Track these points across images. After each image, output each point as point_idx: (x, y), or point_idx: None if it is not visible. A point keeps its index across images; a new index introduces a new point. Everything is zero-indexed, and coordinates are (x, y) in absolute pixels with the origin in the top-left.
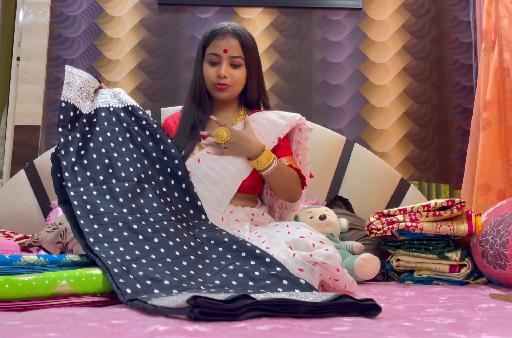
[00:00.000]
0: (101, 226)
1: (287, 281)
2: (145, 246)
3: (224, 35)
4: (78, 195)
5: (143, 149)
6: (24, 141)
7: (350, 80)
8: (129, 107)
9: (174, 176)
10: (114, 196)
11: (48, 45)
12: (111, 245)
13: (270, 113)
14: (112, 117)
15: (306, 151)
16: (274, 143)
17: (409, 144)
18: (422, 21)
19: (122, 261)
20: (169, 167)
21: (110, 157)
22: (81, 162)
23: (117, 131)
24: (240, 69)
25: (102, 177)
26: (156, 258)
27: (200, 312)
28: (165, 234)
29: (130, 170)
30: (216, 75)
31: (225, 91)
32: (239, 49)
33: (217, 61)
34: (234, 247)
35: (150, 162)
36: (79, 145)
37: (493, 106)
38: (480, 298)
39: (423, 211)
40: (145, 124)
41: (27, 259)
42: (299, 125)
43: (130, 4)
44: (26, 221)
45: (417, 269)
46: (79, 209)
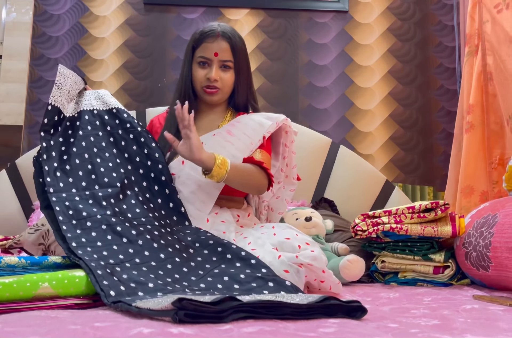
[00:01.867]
0: (83, 230)
1: (272, 283)
2: (129, 250)
3: (215, 38)
4: (60, 200)
5: (126, 153)
6: (6, 141)
7: (336, 82)
8: (113, 110)
9: (158, 181)
10: (96, 200)
11: (31, 44)
12: (94, 249)
13: (255, 115)
14: (95, 121)
15: (292, 155)
16: (260, 142)
17: (394, 146)
18: (407, 24)
19: (106, 264)
20: (153, 172)
21: (93, 163)
22: (63, 167)
23: (101, 135)
24: (230, 72)
25: (85, 183)
26: (140, 262)
27: (185, 314)
28: (150, 236)
29: (113, 175)
30: (206, 78)
31: (215, 95)
32: (229, 53)
33: (207, 63)
34: (219, 249)
35: (134, 167)
36: (61, 149)
37: (476, 110)
38: (464, 299)
39: (408, 213)
40: (129, 128)
41: (7, 260)
42: (285, 127)
43: (115, 3)
44: (7, 222)
45: (402, 270)
46: (61, 215)
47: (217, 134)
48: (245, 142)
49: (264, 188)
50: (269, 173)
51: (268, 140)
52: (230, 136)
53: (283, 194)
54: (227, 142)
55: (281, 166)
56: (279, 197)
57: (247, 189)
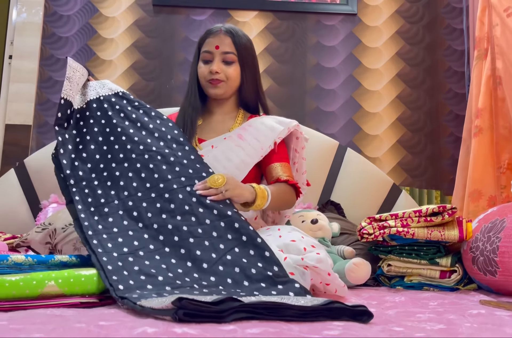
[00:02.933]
0: (101, 217)
1: (282, 286)
2: (144, 235)
3: (217, 33)
4: (80, 190)
5: (139, 123)
6: (15, 141)
7: (344, 85)
8: (119, 93)
9: (175, 141)
10: (114, 181)
11: (41, 44)
12: (110, 236)
13: (267, 118)
14: (103, 105)
15: (302, 160)
16: (271, 147)
17: (401, 150)
18: (416, 28)
19: (119, 255)
20: (169, 134)
21: (108, 142)
22: (80, 156)
23: (110, 115)
24: (233, 66)
25: (103, 165)
26: (154, 249)
27: (184, 313)
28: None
29: (128, 147)
30: (208, 71)
31: (219, 87)
32: (232, 46)
33: (209, 59)
34: (236, 225)
35: (148, 132)
36: (76, 141)
37: (485, 114)
38: (470, 304)
39: (415, 217)
40: (137, 105)
41: (14, 258)
42: (296, 133)
43: (124, 4)
44: (15, 220)
45: (408, 274)
46: (80, 204)
47: (228, 138)
48: (255, 148)
49: (294, 202)
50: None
51: (281, 145)
52: (241, 141)
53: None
54: (238, 147)
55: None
56: None
57: (282, 208)
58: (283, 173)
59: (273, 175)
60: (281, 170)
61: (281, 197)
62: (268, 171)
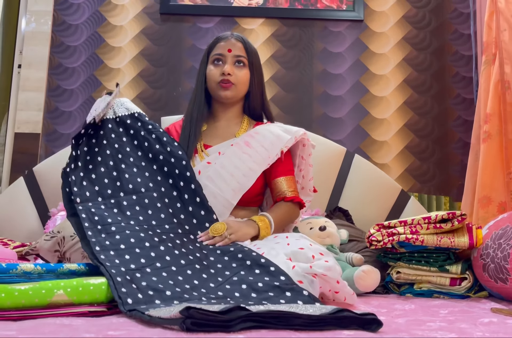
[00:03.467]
0: (108, 234)
1: (290, 293)
2: (151, 253)
3: (228, 38)
4: (86, 209)
5: (150, 154)
6: (23, 149)
7: (351, 91)
8: (135, 114)
9: (183, 177)
10: (121, 209)
11: (50, 53)
12: (117, 252)
13: (274, 126)
14: (119, 128)
15: (309, 167)
16: (278, 156)
17: (409, 156)
18: (423, 33)
19: (127, 270)
20: (177, 168)
21: (118, 169)
22: (89, 176)
23: (125, 141)
24: (244, 70)
25: (110, 191)
26: (161, 267)
27: (192, 323)
28: (171, 244)
29: (138, 180)
30: (220, 73)
31: (230, 90)
32: (243, 50)
33: (221, 60)
34: (239, 256)
35: (158, 166)
36: (86, 159)
37: (494, 119)
38: (481, 312)
39: (424, 223)
40: (151, 128)
41: (24, 267)
42: (303, 140)
43: (132, 13)
44: (24, 228)
45: (418, 281)
46: (87, 221)
47: (235, 144)
48: (262, 156)
49: (297, 217)
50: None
51: (287, 155)
52: (249, 149)
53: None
54: (245, 154)
55: (297, 178)
56: None
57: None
58: (287, 188)
59: (278, 190)
60: (286, 184)
61: (284, 219)
62: (274, 185)
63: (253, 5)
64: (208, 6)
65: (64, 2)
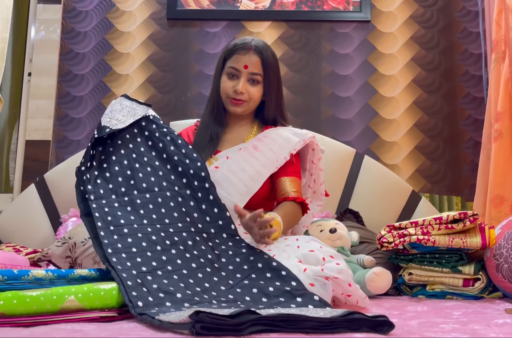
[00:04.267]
0: (120, 236)
1: (301, 299)
2: (162, 257)
3: (247, 50)
4: (100, 207)
5: (165, 154)
6: (34, 156)
7: (359, 92)
8: (150, 116)
9: (197, 177)
10: (135, 208)
11: (59, 61)
12: (128, 255)
13: (283, 130)
14: (134, 129)
15: (320, 172)
16: (286, 159)
17: (419, 156)
18: (431, 32)
19: (138, 273)
20: (192, 169)
21: (132, 168)
22: (104, 175)
23: (139, 141)
24: (258, 87)
25: (124, 189)
26: (172, 270)
27: (202, 327)
28: (183, 247)
29: (152, 179)
30: (233, 90)
31: (240, 107)
32: (259, 67)
33: (236, 75)
34: (251, 258)
35: (172, 166)
36: (101, 158)
37: (505, 117)
38: (495, 313)
39: (435, 224)
40: (166, 131)
41: (35, 274)
42: (312, 144)
43: (139, 19)
44: (36, 235)
45: (430, 283)
46: (100, 221)
47: (243, 149)
48: (270, 159)
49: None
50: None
51: (296, 157)
52: (256, 152)
53: (310, 208)
54: (252, 158)
55: (308, 183)
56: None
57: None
58: (291, 188)
59: (281, 189)
60: (289, 184)
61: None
62: (278, 184)
63: (259, 9)
64: (214, 10)
65: (73, 10)
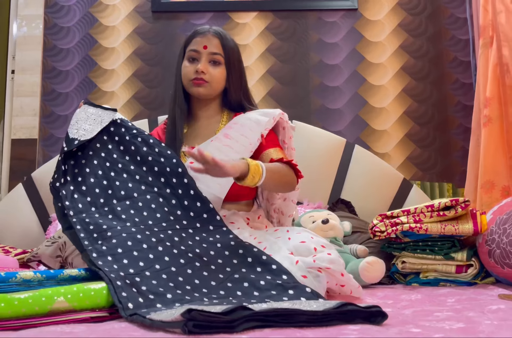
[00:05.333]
0: (104, 240)
1: (293, 291)
2: (149, 255)
3: (205, 33)
4: (80, 220)
5: (139, 156)
6: (21, 155)
7: (348, 81)
8: (118, 120)
9: (175, 174)
10: (116, 214)
11: (43, 57)
12: (114, 257)
13: (252, 113)
14: (103, 136)
15: (292, 151)
16: (259, 140)
17: (410, 144)
18: (418, 19)
19: (126, 274)
20: (168, 167)
21: (108, 177)
22: (80, 189)
23: (110, 148)
24: (220, 68)
25: (103, 200)
26: (160, 268)
27: (194, 325)
28: (170, 243)
29: (129, 185)
30: (194, 71)
31: (202, 87)
32: (220, 47)
33: (196, 58)
34: (240, 251)
35: (148, 167)
36: (74, 172)
37: (494, 103)
38: (489, 299)
39: (427, 212)
40: (135, 133)
41: (23, 275)
42: (282, 122)
43: (123, 13)
44: (26, 235)
45: (423, 270)
46: (83, 232)
47: (215, 139)
48: (243, 144)
49: (295, 183)
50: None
51: (271, 134)
52: (228, 140)
53: (288, 194)
54: (226, 147)
55: None
56: (286, 199)
57: (280, 188)
58: (277, 155)
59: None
60: (274, 152)
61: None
62: (262, 158)
63: None
64: (200, 2)
65: (55, 5)
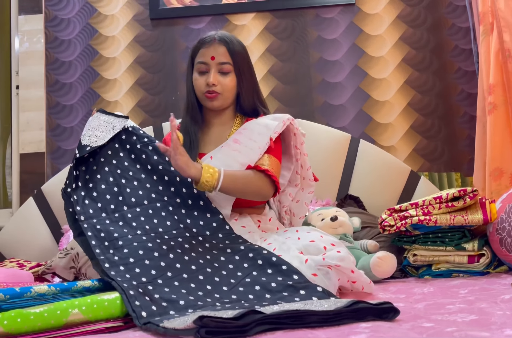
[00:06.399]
0: (116, 249)
1: (304, 291)
2: (161, 263)
3: (211, 43)
4: (91, 226)
5: (149, 165)
6: (30, 169)
7: (350, 76)
8: (129, 128)
9: (185, 184)
10: (127, 221)
11: (46, 71)
12: (127, 267)
13: (262, 118)
14: (114, 144)
15: (304, 156)
16: (268, 144)
17: (415, 135)
18: (417, 10)
19: (138, 283)
20: (178, 176)
21: (119, 184)
22: (91, 195)
23: (122, 156)
24: (230, 76)
25: (113, 206)
26: (172, 276)
27: (207, 331)
28: (180, 250)
29: (140, 193)
30: (205, 84)
31: (216, 100)
32: (227, 56)
33: (205, 70)
34: (250, 255)
35: (159, 176)
36: (86, 178)
37: (498, 89)
38: (502, 288)
39: (435, 203)
40: (146, 141)
41: (37, 290)
42: (292, 129)
43: (122, 22)
44: (39, 247)
45: (435, 262)
46: (94, 239)
47: (225, 145)
48: (252, 148)
49: (267, 193)
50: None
51: (277, 142)
52: (237, 145)
53: (302, 197)
54: (234, 152)
55: (296, 169)
56: (299, 201)
57: (247, 196)
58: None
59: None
60: (266, 159)
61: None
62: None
63: (242, 1)
64: (197, 6)
65: (54, 19)
